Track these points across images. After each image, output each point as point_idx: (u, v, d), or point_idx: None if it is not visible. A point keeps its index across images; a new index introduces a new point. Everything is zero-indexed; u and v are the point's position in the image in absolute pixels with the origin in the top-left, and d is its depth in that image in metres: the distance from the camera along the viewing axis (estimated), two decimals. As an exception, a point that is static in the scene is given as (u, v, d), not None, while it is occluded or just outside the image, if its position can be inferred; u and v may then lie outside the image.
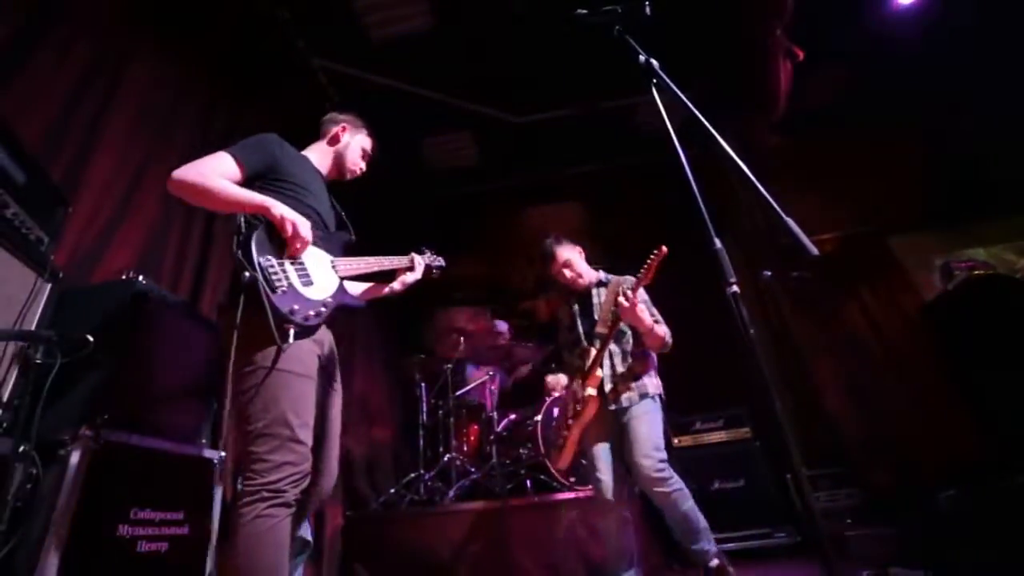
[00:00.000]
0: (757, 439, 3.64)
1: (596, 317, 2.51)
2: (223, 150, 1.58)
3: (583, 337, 2.50)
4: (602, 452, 2.38)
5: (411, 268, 1.95)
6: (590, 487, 3.09)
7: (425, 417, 3.96)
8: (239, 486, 1.37)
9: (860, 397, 4.13)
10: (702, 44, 4.27)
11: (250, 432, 1.37)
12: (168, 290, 2.50)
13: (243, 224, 1.53)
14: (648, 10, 1.37)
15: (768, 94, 4.28)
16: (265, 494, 1.31)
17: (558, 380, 3.71)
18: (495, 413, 3.55)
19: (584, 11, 1.46)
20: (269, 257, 1.46)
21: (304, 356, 1.49)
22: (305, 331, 1.48)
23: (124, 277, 1.86)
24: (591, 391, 2.30)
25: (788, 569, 2.99)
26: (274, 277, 1.43)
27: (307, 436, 1.42)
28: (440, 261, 2.15)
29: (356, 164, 2.03)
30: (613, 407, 2.34)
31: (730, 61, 4.49)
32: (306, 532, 2.29)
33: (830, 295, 4.43)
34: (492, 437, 3.47)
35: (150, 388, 1.80)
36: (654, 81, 1.31)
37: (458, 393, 3.87)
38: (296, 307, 1.43)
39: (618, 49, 1.45)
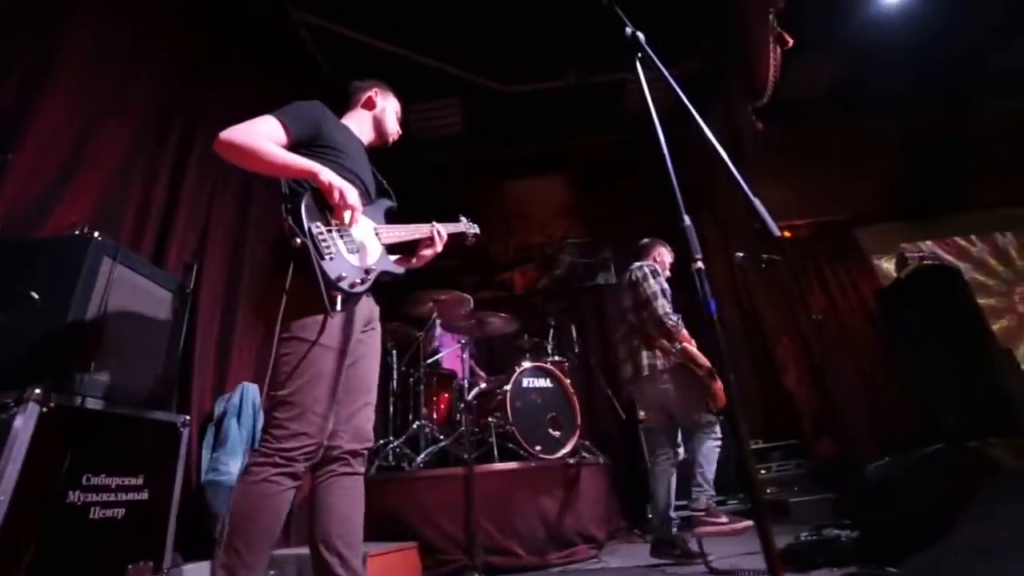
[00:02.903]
0: (720, 412, 3.77)
1: None
2: (270, 114, 1.55)
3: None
4: None
5: (432, 240, 1.88)
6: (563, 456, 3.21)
7: (395, 385, 3.96)
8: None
9: (815, 375, 4.34)
10: (694, 24, 4.22)
11: (274, 397, 1.39)
12: (129, 247, 2.42)
13: (288, 190, 1.52)
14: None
15: (756, 79, 4.28)
16: (278, 460, 1.33)
17: None
18: (466, 381, 3.57)
19: None
20: (319, 224, 1.45)
21: (340, 327, 1.48)
22: (351, 298, 1.47)
23: (77, 232, 1.76)
24: None
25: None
26: (323, 244, 1.41)
27: (327, 409, 1.42)
28: (475, 228, 2.16)
29: (394, 127, 2.01)
30: None
31: (721, 44, 4.46)
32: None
33: (797, 278, 4.58)
34: (462, 405, 3.50)
35: (107, 349, 1.73)
36: (639, 55, 1.28)
37: (429, 361, 3.88)
38: (344, 274, 1.43)
39: (607, 21, 1.41)
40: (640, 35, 1.29)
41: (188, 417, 2.03)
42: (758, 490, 1.00)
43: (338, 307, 1.40)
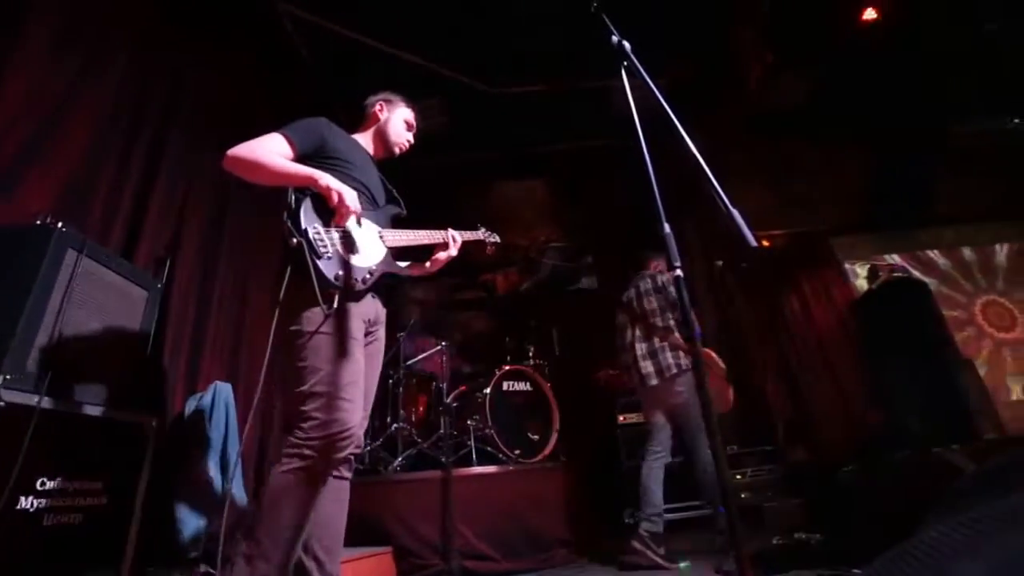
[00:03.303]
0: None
1: None
2: (276, 131, 1.64)
3: None
4: None
5: (445, 246, 1.98)
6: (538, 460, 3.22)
7: (374, 386, 3.91)
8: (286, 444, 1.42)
9: (790, 382, 4.43)
10: (679, 36, 4.27)
11: (300, 393, 1.43)
12: (97, 239, 2.33)
13: (292, 197, 1.56)
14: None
15: (738, 93, 4.36)
16: (306, 452, 1.37)
17: None
18: (445, 384, 3.54)
19: None
20: (316, 225, 1.51)
21: (348, 320, 1.52)
22: (350, 297, 1.53)
23: (39, 222, 1.69)
24: None
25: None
26: (319, 244, 1.47)
27: (353, 394, 1.46)
28: (495, 237, 2.29)
29: (400, 137, 2.07)
30: None
31: (704, 56, 4.52)
32: (241, 498, 2.24)
33: (775, 286, 4.67)
34: (441, 408, 3.48)
35: (68, 345, 1.65)
36: (624, 63, 1.28)
37: (408, 363, 3.84)
38: (341, 273, 1.49)
39: (594, 27, 1.42)
40: (626, 44, 1.29)
41: (155, 418, 1.96)
42: (728, 500, 0.99)
43: (335, 305, 1.45)
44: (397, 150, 2.08)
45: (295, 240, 1.45)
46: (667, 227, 1.09)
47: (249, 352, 3.23)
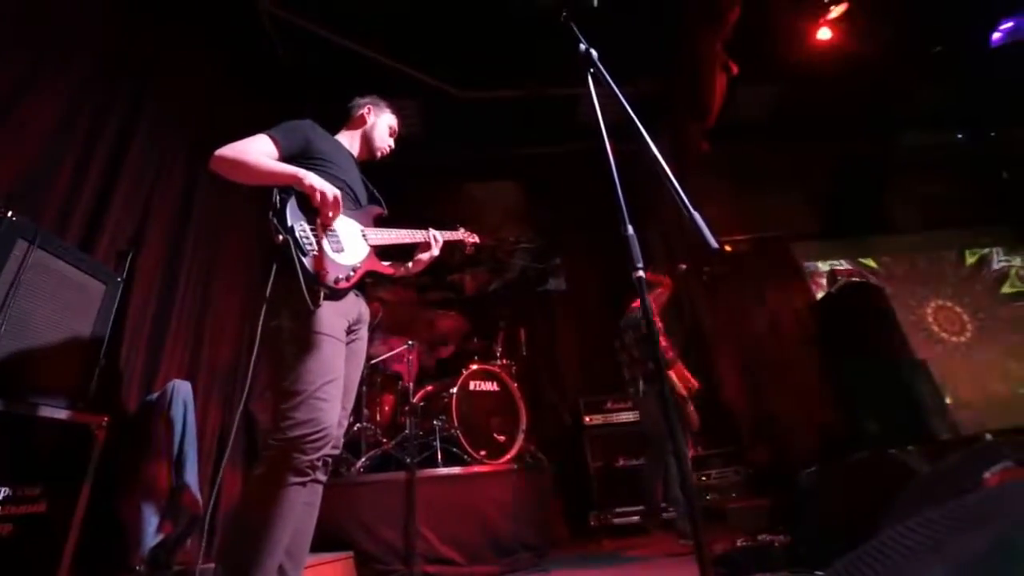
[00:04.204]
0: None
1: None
2: (263, 132, 1.66)
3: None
4: None
5: (428, 246, 2.02)
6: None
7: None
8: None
9: (753, 384, 4.58)
10: (646, 46, 4.38)
11: (278, 391, 1.44)
12: (53, 228, 2.24)
13: (277, 196, 1.57)
14: (595, 2, 1.38)
15: (702, 103, 4.51)
16: (281, 452, 1.37)
17: None
18: (412, 384, 3.53)
19: None
20: (302, 223, 1.53)
21: (330, 317, 1.53)
22: (334, 294, 1.54)
23: (3, 213, 1.61)
24: None
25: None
26: (305, 241, 1.49)
27: (331, 393, 1.46)
28: (475, 238, 2.32)
29: (384, 142, 2.12)
30: None
31: (671, 67, 4.65)
32: (195, 503, 2.18)
33: (737, 290, 4.84)
34: (407, 408, 3.46)
35: (12, 340, 1.58)
36: (591, 71, 1.33)
37: (373, 362, 3.80)
38: (326, 270, 1.50)
39: (563, 35, 1.47)
40: (593, 52, 1.33)
41: (106, 418, 1.88)
42: (696, 505, 1.04)
43: (320, 302, 1.46)
44: (379, 154, 2.14)
45: (281, 237, 1.46)
46: (629, 229, 1.13)
47: (211, 350, 3.15)
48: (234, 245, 3.48)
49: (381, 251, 1.87)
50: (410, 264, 2.05)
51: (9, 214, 1.62)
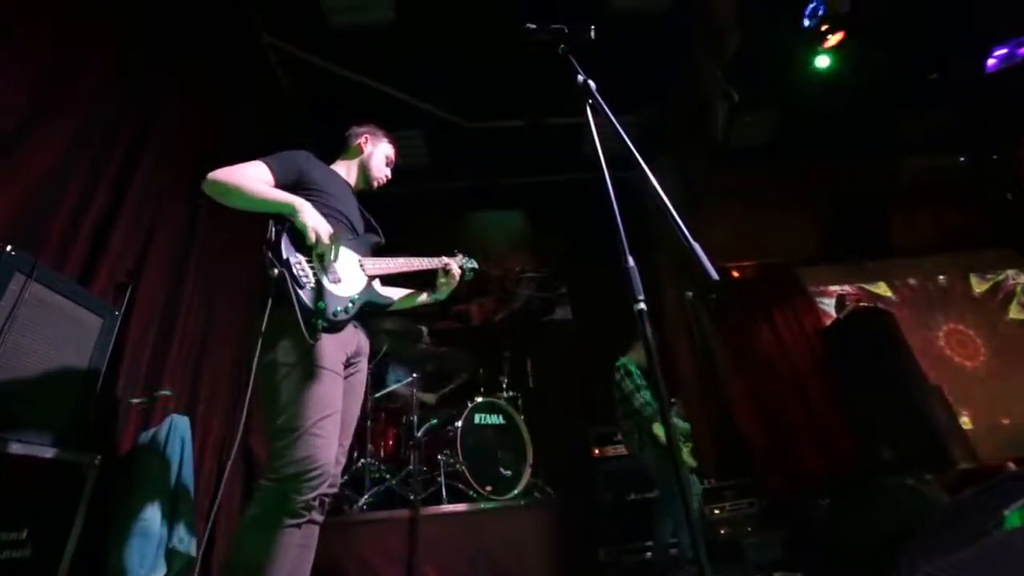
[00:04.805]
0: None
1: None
2: (259, 159, 1.66)
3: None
4: None
5: (446, 272, 2.03)
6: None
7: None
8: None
9: (765, 412, 4.47)
10: (649, 75, 4.45)
11: (272, 428, 1.40)
12: (52, 262, 2.23)
13: (273, 228, 1.56)
14: (593, 34, 1.38)
15: (705, 129, 4.55)
16: (276, 492, 1.32)
17: None
18: (415, 417, 3.45)
19: (533, 26, 1.45)
20: (297, 255, 1.50)
21: (328, 351, 1.49)
22: (333, 327, 1.51)
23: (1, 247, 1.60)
24: None
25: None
26: (301, 274, 1.46)
27: (328, 430, 1.41)
28: (472, 264, 2.29)
29: (381, 172, 2.11)
30: None
31: (673, 96, 4.72)
32: (188, 545, 2.10)
33: (746, 317, 4.76)
34: (411, 443, 3.38)
35: (6, 378, 1.55)
36: (589, 102, 1.31)
37: (377, 395, 3.73)
38: (323, 303, 1.47)
39: (561, 68, 1.46)
40: (591, 83, 1.32)
41: (98, 456, 1.83)
42: (697, 539, 0.97)
43: (318, 335, 1.42)
44: (376, 184, 2.12)
45: (276, 271, 1.44)
46: (631, 260, 1.09)
47: (210, 385, 3.10)
48: (237, 278, 3.47)
49: (382, 281, 1.85)
50: (424, 295, 2.08)
51: (8, 248, 1.61)
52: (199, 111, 3.37)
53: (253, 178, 1.58)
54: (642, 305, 1.04)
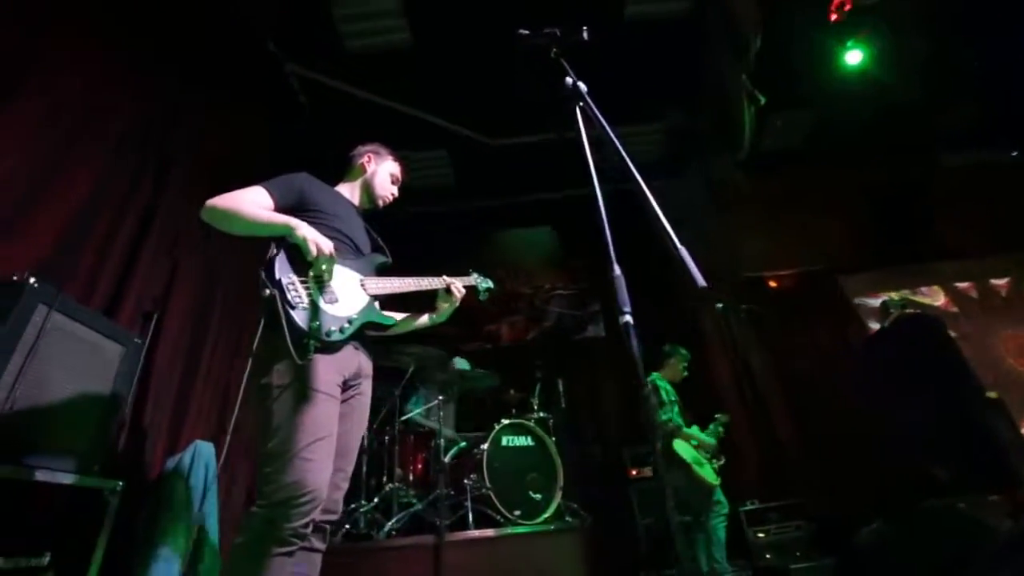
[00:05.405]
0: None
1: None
2: (258, 184, 1.65)
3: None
4: None
5: (448, 293, 1.96)
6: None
7: (365, 443, 3.76)
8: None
9: (808, 428, 4.18)
10: (673, 81, 4.35)
11: (262, 453, 1.37)
12: (80, 296, 2.31)
13: (272, 250, 1.56)
14: (586, 35, 1.32)
15: (733, 135, 4.38)
16: (261, 521, 1.28)
17: None
18: (442, 441, 3.38)
19: (526, 31, 1.40)
20: (290, 275, 1.49)
21: (322, 372, 1.45)
22: (327, 348, 1.48)
23: (14, 278, 1.67)
24: None
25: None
26: (293, 294, 1.45)
27: (319, 454, 1.36)
28: (488, 283, 2.22)
29: (386, 190, 2.07)
30: None
31: (698, 101, 4.59)
32: (211, 569, 2.09)
33: (785, 329, 4.50)
34: (438, 466, 3.31)
35: (25, 404, 1.57)
36: (580, 104, 1.25)
37: (403, 418, 3.69)
38: (316, 323, 1.44)
39: (586, 77, 1.40)
40: (582, 85, 1.26)
41: (120, 483, 1.85)
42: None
43: (310, 355, 1.39)
44: (381, 203, 2.08)
45: (268, 291, 1.42)
46: (617, 270, 1.01)
47: (236, 411, 3.14)
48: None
49: (386, 301, 1.81)
50: (425, 316, 2.00)
51: (31, 280, 1.67)
52: (223, 143, 3.47)
53: (251, 203, 1.57)
54: (628, 318, 0.95)
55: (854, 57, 3.88)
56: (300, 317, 1.41)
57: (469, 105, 4.68)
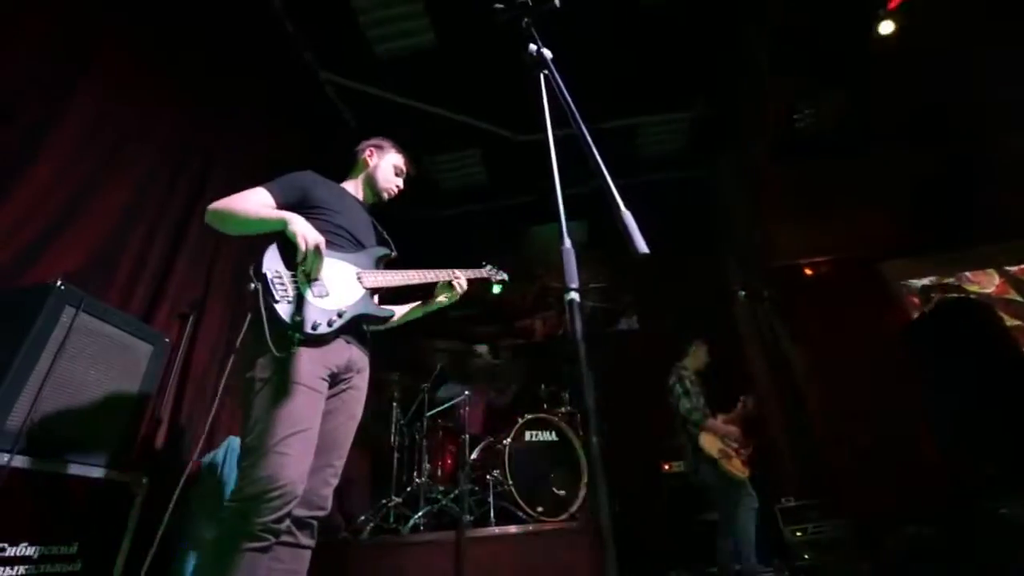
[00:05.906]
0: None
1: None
2: (260, 185, 1.67)
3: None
4: None
5: (450, 286, 1.95)
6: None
7: (396, 438, 3.82)
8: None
9: (845, 422, 3.90)
10: (701, 68, 4.18)
11: (241, 448, 1.37)
12: (120, 300, 2.47)
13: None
14: (557, 2, 1.27)
15: (764, 120, 4.16)
16: (234, 516, 1.27)
17: None
18: (468, 436, 3.39)
19: (501, 6, 1.36)
20: (277, 268, 1.49)
21: (304, 366, 1.43)
22: (313, 340, 1.46)
23: (52, 283, 1.78)
24: None
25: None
26: (277, 286, 1.44)
27: (296, 448, 1.34)
28: (503, 275, 2.21)
29: (389, 183, 2.07)
30: None
31: (726, 87, 4.38)
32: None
33: (822, 318, 4.22)
34: (462, 462, 3.32)
35: (53, 401, 1.67)
36: (544, 72, 1.20)
37: (430, 413, 3.72)
38: (299, 317, 1.43)
39: (609, 65, 1.35)
40: (547, 52, 1.21)
41: (145, 478, 1.94)
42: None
43: (293, 349, 1.39)
44: (386, 195, 2.08)
45: (252, 285, 1.43)
46: (567, 242, 0.96)
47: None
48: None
49: (386, 294, 1.80)
50: (424, 305, 1.98)
51: (58, 283, 1.78)
52: (261, 151, 3.59)
53: (249, 202, 1.59)
54: (574, 295, 0.89)
55: (887, 27, 3.57)
56: (284, 310, 1.41)
57: (497, 101, 4.66)
